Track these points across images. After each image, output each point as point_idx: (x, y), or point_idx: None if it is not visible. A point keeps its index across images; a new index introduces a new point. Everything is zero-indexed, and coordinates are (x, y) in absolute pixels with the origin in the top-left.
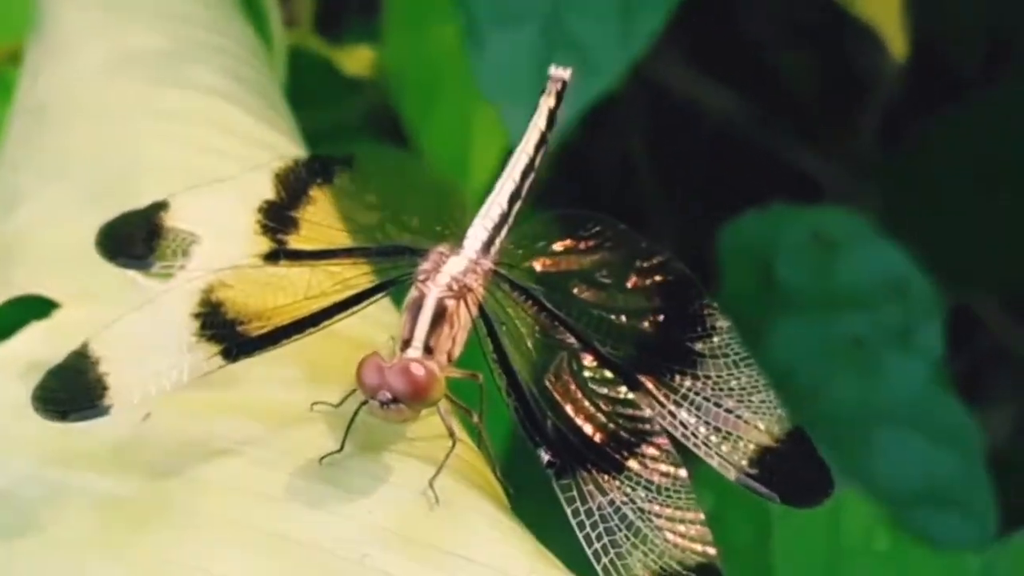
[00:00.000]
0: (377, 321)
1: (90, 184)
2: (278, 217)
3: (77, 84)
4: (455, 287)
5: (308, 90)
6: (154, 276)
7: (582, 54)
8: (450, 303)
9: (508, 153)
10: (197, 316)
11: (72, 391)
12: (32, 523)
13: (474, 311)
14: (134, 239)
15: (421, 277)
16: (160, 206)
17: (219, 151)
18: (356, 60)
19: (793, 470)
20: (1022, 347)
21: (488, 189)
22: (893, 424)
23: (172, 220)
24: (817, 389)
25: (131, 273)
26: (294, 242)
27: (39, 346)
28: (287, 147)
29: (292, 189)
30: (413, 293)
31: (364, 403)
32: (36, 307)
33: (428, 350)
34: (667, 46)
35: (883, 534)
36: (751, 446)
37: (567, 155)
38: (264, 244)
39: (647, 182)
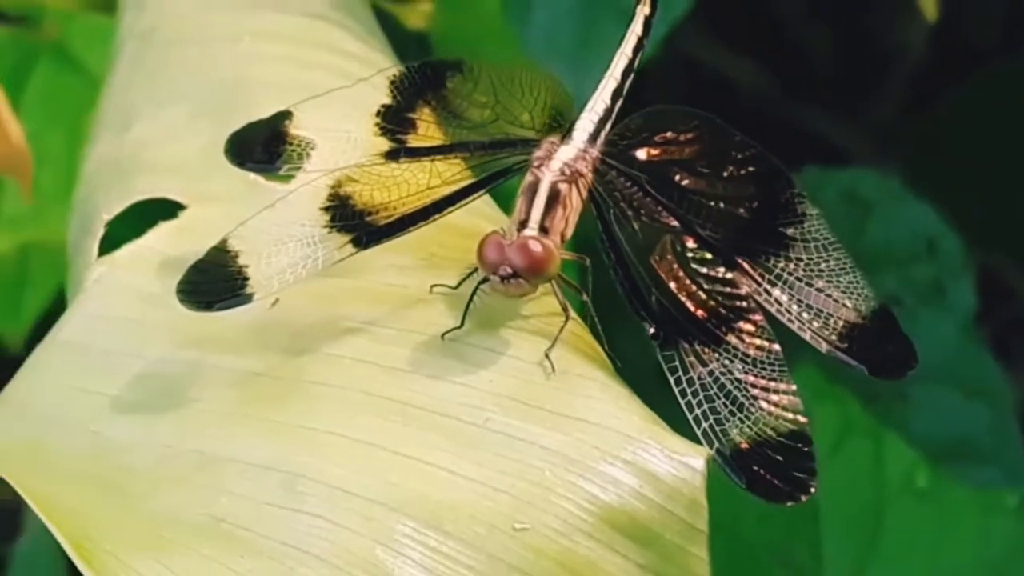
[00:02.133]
0: (484, 215)
1: (202, 100)
2: (396, 119)
3: (183, 10)
4: (567, 172)
5: None
6: (274, 179)
7: (622, 17)
8: (563, 187)
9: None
10: (327, 209)
11: (215, 283)
12: (174, 400)
13: (585, 195)
14: (259, 145)
15: (536, 163)
16: (283, 115)
17: (322, 67)
18: (417, 14)
19: (879, 345)
20: None
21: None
22: (928, 380)
23: (294, 127)
24: None
25: (252, 176)
26: (412, 141)
27: (169, 242)
28: (385, 63)
29: (407, 94)
30: (529, 178)
31: (483, 281)
32: (160, 212)
33: (544, 230)
34: (697, 22)
35: (923, 473)
36: (840, 322)
37: None
38: (384, 144)
39: None
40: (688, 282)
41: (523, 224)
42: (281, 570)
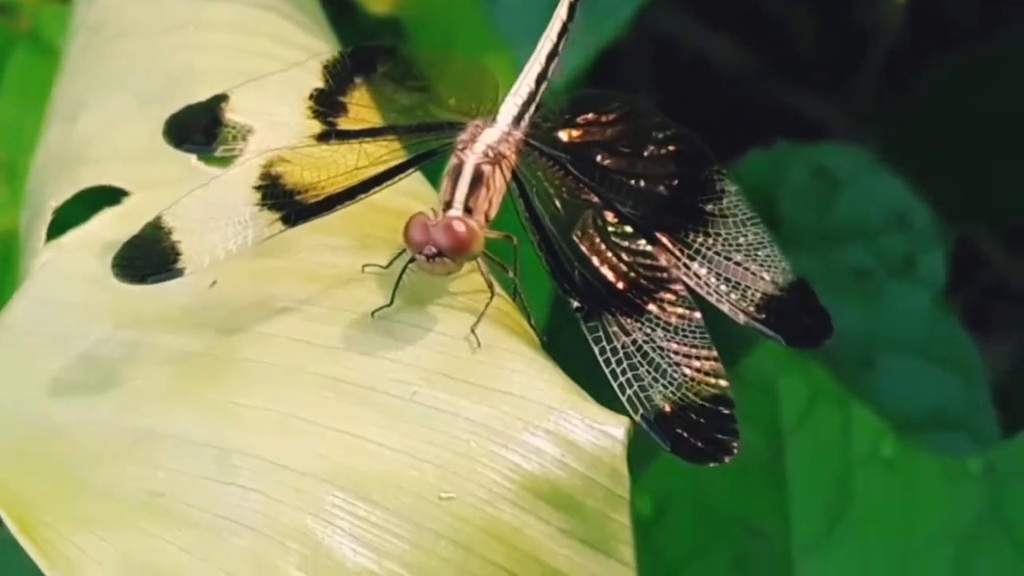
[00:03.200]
0: (416, 195)
1: (147, 90)
2: (327, 103)
3: (130, 3)
4: (491, 154)
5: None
6: (213, 163)
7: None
8: (486, 168)
9: None
10: (258, 189)
11: (149, 257)
12: (114, 379)
13: (508, 176)
14: (197, 128)
15: (460, 146)
16: (220, 98)
17: (264, 54)
18: (378, 0)
19: (797, 316)
20: (1021, 281)
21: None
22: (898, 351)
23: (231, 110)
24: None
25: (192, 162)
26: (343, 124)
27: (112, 227)
28: (328, 51)
29: (339, 78)
30: (453, 160)
31: (411, 260)
32: (106, 199)
33: (468, 210)
34: None
35: (890, 442)
36: (758, 295)
37: None
38: (316, 127)
39: None
40: (609, 255)
41: (448, 205)
42: (216, 542)
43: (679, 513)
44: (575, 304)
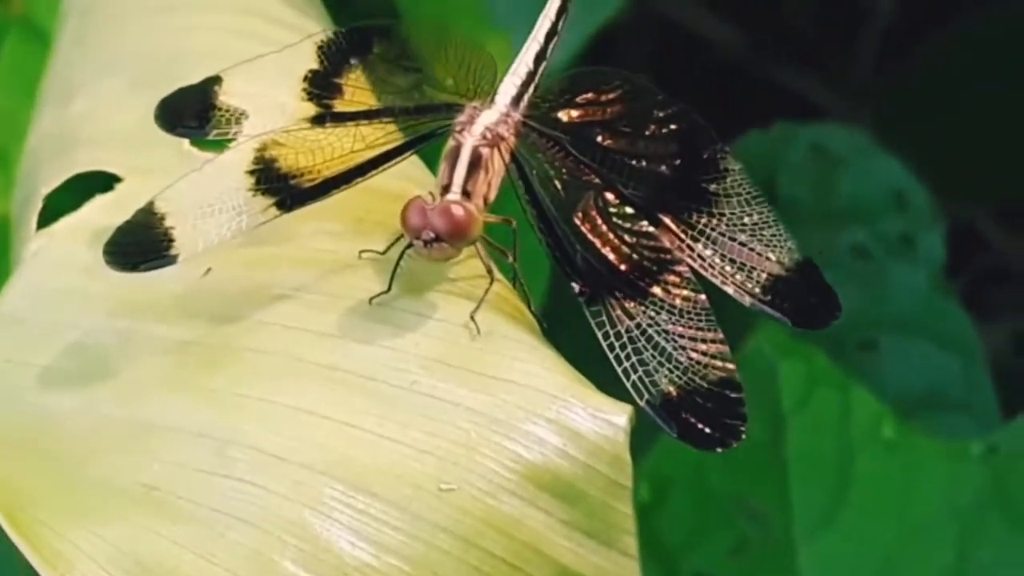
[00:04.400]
0: (413, 178)
1: (139, 72)
2: (322, 84)
3: None
4: (489, 136)
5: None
6: (207, 148)
7: None
8: (484, 151)
9: None
10: (252, 173)
11: (141, 244)
12: (108, 369)
13: (507, 158)
14: (189, 111)
15: (458, 128)
16: (212, 80)
17: (256, 36)
18: None
19: (803, 296)
20: (1020, 264)
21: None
22: (897, 331)
23: (224, 93)
24: None
25: (185, 147)
26: (338, 106)
27: (105, 214)
28: (322, 32)
29: (334, 59)
30: (451, 143)
31: (409, 245)
32: (98, 184)
33: (466, 194)
34: None
35: (890, 424)
36: (764, 275)
37: None
38: (311, 109)
39: None
40: (612, 237)
41: (446, 189)
42: (211, 536)
43: (678, 498)
44: (577, 288)
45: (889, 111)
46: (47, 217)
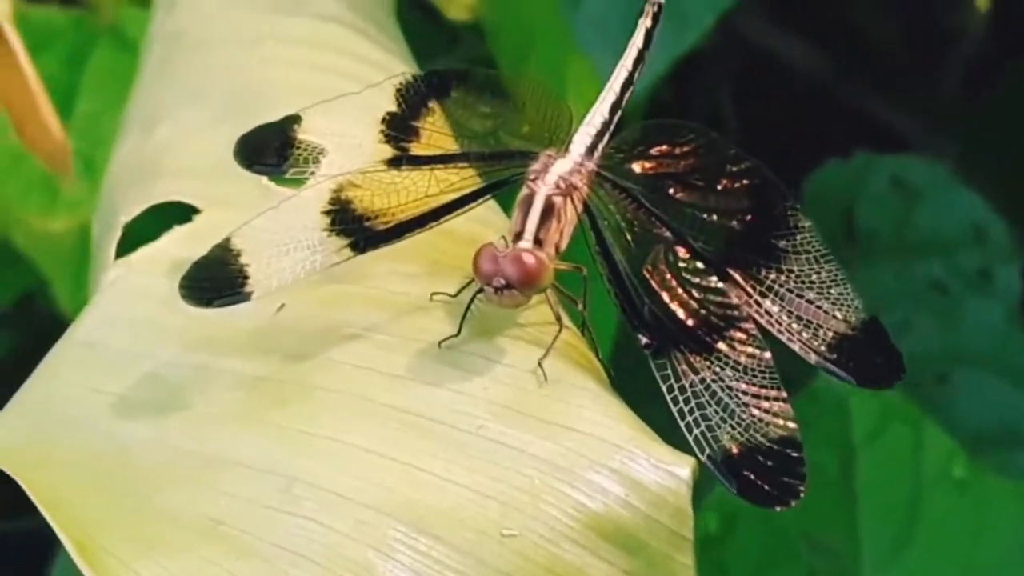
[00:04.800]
0: (487, 222)
1: (224, 104)
2: (400, 127)
3: (210, 14)
4: (562, 185)
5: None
6: (285, 183)
7: (673, 7)
8: (557, 200)
9: None
10: (328, 214)
11: (216, 280)
12: (181, 401)
13: (579, 207)
14: (268, 149)
15: (531, 176)
16: (292, 119)
17: (340, 72)
18: (458, 6)
19: (868, 356)
20: None
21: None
22: (971, 366)
23: (303, 132)
24: (898, 332)
25: (264, 181)
26: (415, 149)
27: (182, 246)
28: (400, 67)
29: (412, 102)
30: (524, 191)
31: (480, 291)
32: (177, 213)
33: (538, 242)
34: (755, 2)
35: (961, 463)
36: (830, 334)
37: (657, 106)
38: (387, 151)
39: (734, 134)
40: (680, 292)
41: (518, 236)
42: (274, 572)
43: (746, 531)
44: (644, 340)
45: (975, 138)
46: (127, 244)
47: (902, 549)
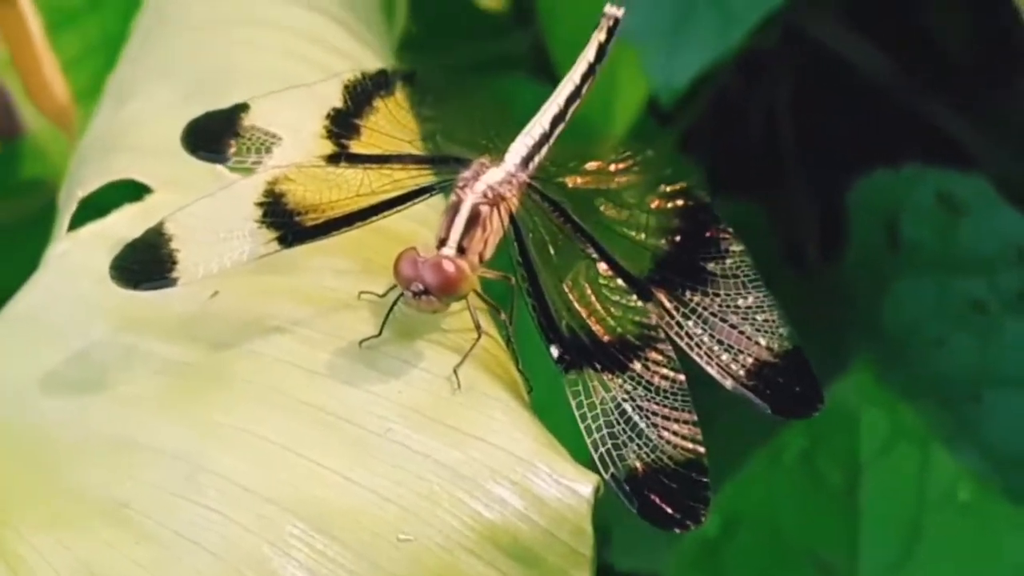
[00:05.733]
0: (428, 223)
1: (188, 83)
2: (343, 124)
3: None
4: (490, 195)
5: (447, 25)
6: (240, 171)
7: (719, 4)
8: (484, 209)
9: (650, 100)
10: (260, 205)
11: (145, 263)
12: (105, 382)
13: (506, 219)
14: (217, 136)
15: (460, 184)
16: (241, 107)
17: (305, 59)
18: None
19: (787, 385)
20: None
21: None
22: (1006, 386)
23: (250, 120)
24: (935, 347)
25: (219, 168)
26: (355, 147)
27: (129, 225)
28: (370, 60)
29: (357, 99)
30: (452, 198)
31: (402, 294)
32: (132, 191)
33: (461, 250)
34: (823, 2)
35: (967, 486)
36: (750, 359)
37: (717, 98)
38: (328, 147)
39: (790, 130)
40: (599, 309)
41: (442, 243)
42: (170, 559)
43: (747, 536)
44: (556, 354)
45: None
46: (87, 217)
47: (900, 568)
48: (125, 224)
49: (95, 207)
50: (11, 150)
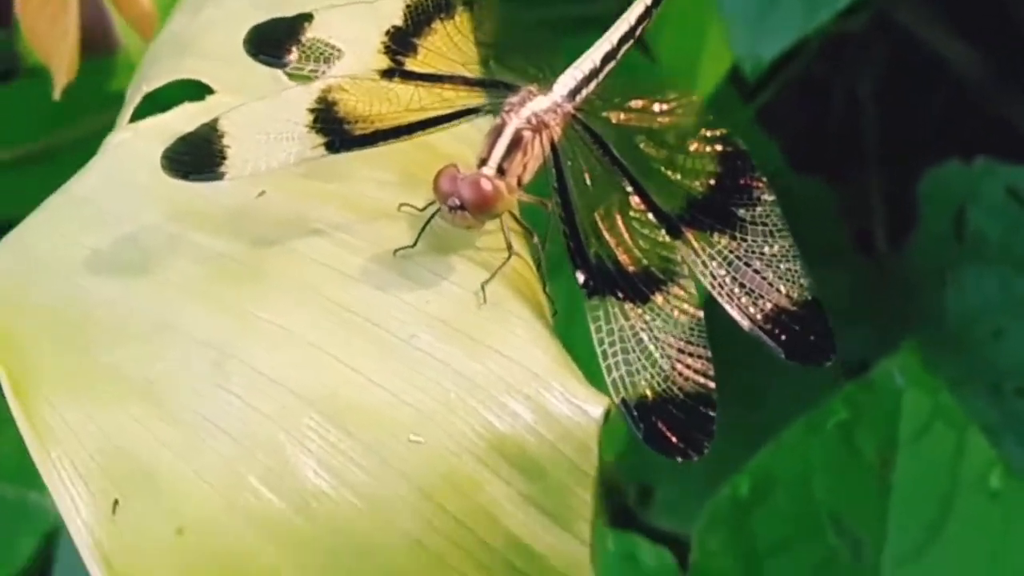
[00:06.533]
0: (473, 144)
1: None
2: (401, 41)
3: None
4: (534, 121)
5: None
6: (297, 78)
7: None
8: (527, 134)
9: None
10: (312, 111)
11: (196, 156)
12: (148, 266)
13: (547, 147)
14: (279, 42)
15: (506, 108)
16: (304, 17)
17: None
18: None
19: (802, 333)
20: None
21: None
22: None
23: (314, 30)
24: (992, 338)
25: (279, 75)
26: (410, 64)
27: (188, 122)
28: None
29: (418, 19)
30: (496, 121)
31: (439, 209)
32: (196, 92)
33: (501, 171)
34: None
35: (999, 473)
36: (769, 304)
37: (800, 80)
38: (384, 62)
39: (870, 116)
40: (627, 240)
41: (483, 162)
42: (193, 440)
43: (778, 501)
44: (582, 278)
45: None
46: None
47: (926, 548)
48: (184, 120)
49: (159, 103)
50: (108, 64)
